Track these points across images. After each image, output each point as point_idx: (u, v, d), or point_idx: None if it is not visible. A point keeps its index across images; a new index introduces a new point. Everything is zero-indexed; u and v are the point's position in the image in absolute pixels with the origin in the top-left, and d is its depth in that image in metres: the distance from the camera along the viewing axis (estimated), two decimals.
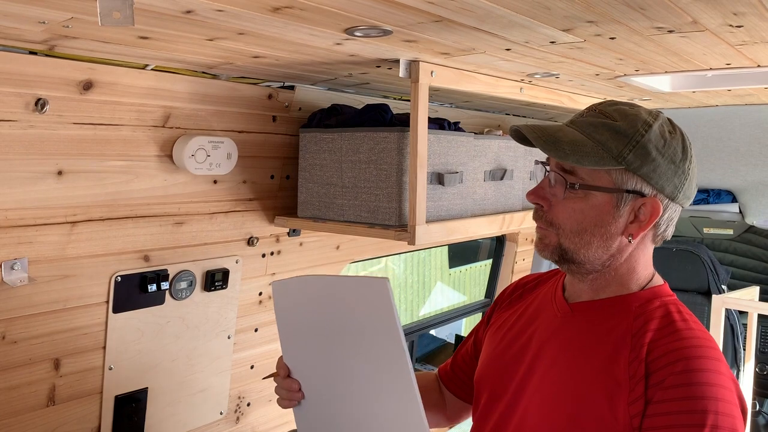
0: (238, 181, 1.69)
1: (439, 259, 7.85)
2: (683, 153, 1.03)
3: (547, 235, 1.07)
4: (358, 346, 1.09)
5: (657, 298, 1.05)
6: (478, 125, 2.50)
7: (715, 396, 0.92)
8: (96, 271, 1.45)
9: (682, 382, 0.93)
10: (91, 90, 1.33)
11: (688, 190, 1.04)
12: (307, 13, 0.96)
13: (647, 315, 1.03)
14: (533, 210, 1.09)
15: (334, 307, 1.12)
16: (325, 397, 1.17)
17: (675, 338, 0.98)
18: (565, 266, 1.08)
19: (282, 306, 1.20)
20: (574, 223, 1.03)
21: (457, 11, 0.98)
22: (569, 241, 1.04)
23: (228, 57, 1.33)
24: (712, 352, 0.97)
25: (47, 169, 1.31)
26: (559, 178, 1.04)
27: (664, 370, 0.95)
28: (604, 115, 1.04)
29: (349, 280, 1.12)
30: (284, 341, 1.21)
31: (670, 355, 0.96)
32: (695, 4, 0.94)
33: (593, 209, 1.02)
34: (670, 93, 2.08)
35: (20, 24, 1.01)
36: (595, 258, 1.04)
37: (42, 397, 1.42)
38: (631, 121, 1.02)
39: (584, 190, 1.01)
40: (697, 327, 1.02)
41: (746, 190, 3.21)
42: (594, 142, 1.00)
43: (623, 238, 1.03)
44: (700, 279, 3.37)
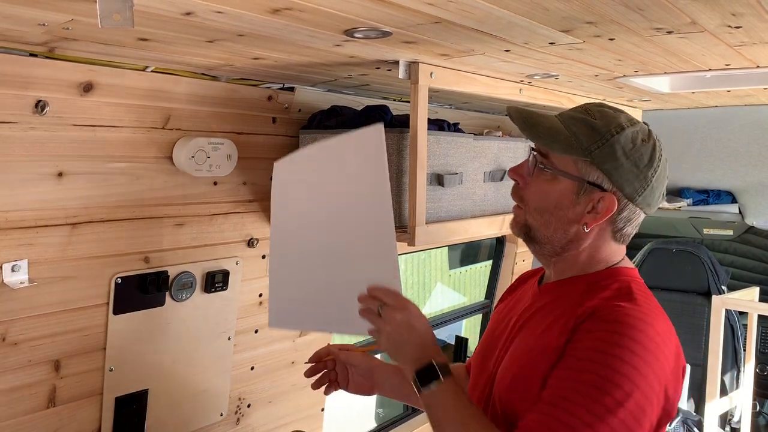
0: (238, 182, 1.70)
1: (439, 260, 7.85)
2: (649, 161, 1.09)
3: (518, 213, 1.17)
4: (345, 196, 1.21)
5: (612, 277, 1.11)
6: (477, 126, 2.50)
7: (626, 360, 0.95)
8: (96, 273, 1.45)
9: (605, 337, 0.98)
10: (92, 92, 1.33)
11: (649, 197, 1.11)
12: (307, 14, 0.96)
13: (597, 289, 1.09)
14: (513, 187, 1.18)
15: (328, 167, 1.23)
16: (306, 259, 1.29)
17: (612, 301, 1.04)
18: (531, 246, 1.17)
19: (279, 181, 1.29)
20: (538, 201, 1.12)
21: (457, 13, 0.98)
22: (532, 218, 1.13)
23: (228, 59, 1.33)
24: (648, 321, 1.00)
25: (47, 170, 1.32)
26: (535, 158, 1.13)
27: (593, 319, 1.01)
28: (586, 113, 1.12)
29: (346, 135, 1.23)
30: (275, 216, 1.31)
31: (602, 311, 1.02)
32: (694, 4, 0.95)
33: (556, 192, 1.10)
34: (670, 94, 2.08)
35: (21, 26, 1.01)
36: (554, 239, 1.13)
37: (42, 399, 1.42)
38: (608, 121, 1.10)
39: (552, 173, 1.10)
40: (643, 300, 1.05)
41: (746, 190, 3.21)
42: (569, 132, 1.09)
43: (579, 227, 1.10)
44: (700, 280, 3.37)
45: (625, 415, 0.93)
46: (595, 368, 0.95)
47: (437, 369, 1.09)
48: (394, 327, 1.14)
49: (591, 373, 0.95)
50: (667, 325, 1.04)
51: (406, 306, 1.15)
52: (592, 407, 0.93)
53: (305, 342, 2.04)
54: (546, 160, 1.11)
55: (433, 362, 1.10)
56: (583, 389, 0.95)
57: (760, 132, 2.85)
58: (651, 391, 0.96)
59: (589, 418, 0.93)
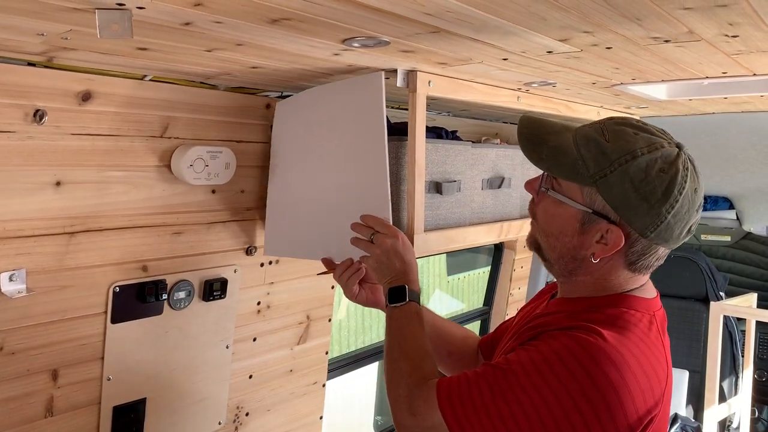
0: (237, 190, 1.69)
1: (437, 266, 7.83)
2: (664, 195, 0.99)
3: (532, 228, 1.15)
4: (342, 134, 1.30)
5: (616, 304, 1.04)
6: (475, 134, 2.50)
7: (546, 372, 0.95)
8: (94, 282, 1.45)
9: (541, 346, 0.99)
10: (90, 101, 1.33)
11: (665, 233, 1.01)
12: (305, 24, 0.97)
13: (593, 310, 1.03)
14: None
15: (328, 109, 1.32)
16: (303, 191, 1.40)
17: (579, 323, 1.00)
18: (543, 263, 1.15)
19: (281, 120, 1.39)
20: (545, 222, 1.09)
21: (454, 22, 0.98)
22: (541, 237, 1.11)
23: (226, 67, 1.33)
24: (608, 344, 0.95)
25: (45, 179, 1.31)
26: (545, 178, 1.09)
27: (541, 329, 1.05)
28: (601, 133, 1.03)
29: (348, 80, 1.32)
30: (274, 153, 1.41)
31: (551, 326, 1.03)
32: (691, 14, 0.95)
33: (560, 217, 1.06)
34: (667, 101, 2.09)
35: (19, 36, 1.01)
36: (561, 262, 1.09)
37: (40, 409, 1.42)
38: (621, 147, 1.00)
39: (558, 196, 1.05)
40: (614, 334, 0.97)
41: (743, 197, 3.22)
42: (577, 155, 1.02)
43: (588, 256, 1.04)
44: (698, 286, 3.37)
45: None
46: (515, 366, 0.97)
47: (407, 292, 1.19)
48: (383, 250, 1.24)
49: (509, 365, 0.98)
50: (639, 369, 0.95)
51: (396, 234, 1.25)
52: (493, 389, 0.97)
53: (304, 350, 2.04)
54: (554, 182, 1.06)
55: (405, 286, 1.20)
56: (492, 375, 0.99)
57: (758, 139, 2.86)
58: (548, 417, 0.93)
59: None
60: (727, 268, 3.75)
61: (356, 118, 1.27)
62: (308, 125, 1.34)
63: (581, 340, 0.96)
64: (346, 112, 1.29)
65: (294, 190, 1.37)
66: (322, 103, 1.33)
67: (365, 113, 1.25)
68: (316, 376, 2.11)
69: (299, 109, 1.36)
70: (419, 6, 0.89)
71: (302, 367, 2.05)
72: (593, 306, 1.05)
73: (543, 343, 0.99)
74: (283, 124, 1.38)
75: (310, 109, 1.35)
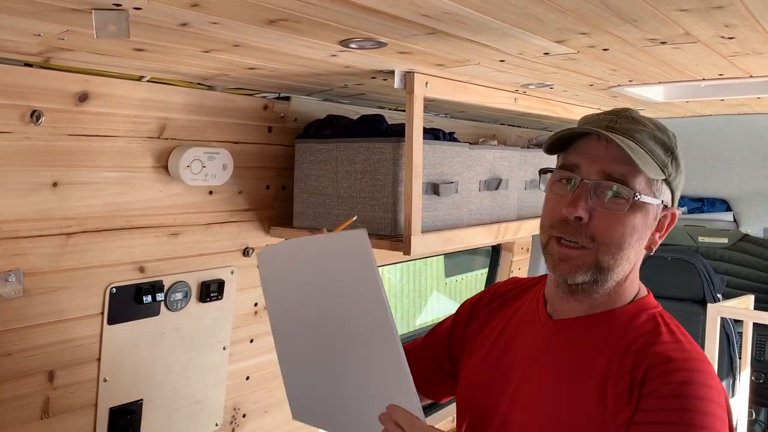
0: (234, 191, 1.69)
1: (435, 268, 7.84)
2: (683, 169, 1.03)
3: (581, 255, 0.97)
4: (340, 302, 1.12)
5: (643, 312, 1.02)
6: (473, 135, 2.50)
7: (706, 411, 0.89)
8: (91, 283, 1.45)
9: (675, 393, 0.90)
10: (87, 102, 1.33)
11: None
12: (302, 25, 0.97)
13: (634, 330, 0.99)
14: (565, 225, 0.98)
15: (317, 267, 1.15)
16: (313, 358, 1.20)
17: (664, 350, 0.95)
18: (588, 287, 0.99)
19: (267, 273, 1.23)
20: (620, 236, 0.95)
21: (451, 23, 0.98)
22: (610, 256, 0.96)
23: (223, 68, 1.33)
24: (703, 365, 0.94)
25: (42, 180, 1.31)
26: (610, 187, 0.95)
27: (656, 380, 0.92)
28: (639, 123, 0.99)
29: (329, 236, 1.17)
30: (271, 309, 1.24)
31: (660, 367, 0.93)
32: (687, 16, 0.95)
33: (640, 221, 0.96)
34: (664, 103, 2.09)
35: (16, 36, 1.01)
36: (623, 272, 0.99)
37: (36, 410, 1.41)
38: (663, 130, 0.99)
39: (635, 201, 0.95)
40: (685, 339, 0.99)
41: (740, 198, 3.23)
42: (646, 150, 0.95)
43: (644, 250, 1.02)
44: (695, 288, 3.38)
45: None
46: None
47: None
48: None
49: None
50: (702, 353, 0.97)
51: None
52: None
53: None
54: (628, 187, 0.95)
55: None
56: None
57: (755, 141, 2.87)
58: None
59: None
60: (724, 270, 3.75)
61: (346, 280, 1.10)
62: (297, 282, 1.18)
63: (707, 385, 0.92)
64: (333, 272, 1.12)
65: (300, 349, 1.21)
66: (305, 257, 1.17)
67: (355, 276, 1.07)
68: None
69: (283, 261, 1.20)
70: (416, 7, 0.89)
71: None
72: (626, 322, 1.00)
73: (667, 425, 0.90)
74: (271, 276, 1.22)
75: (295, 263, 1.19)
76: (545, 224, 1.02)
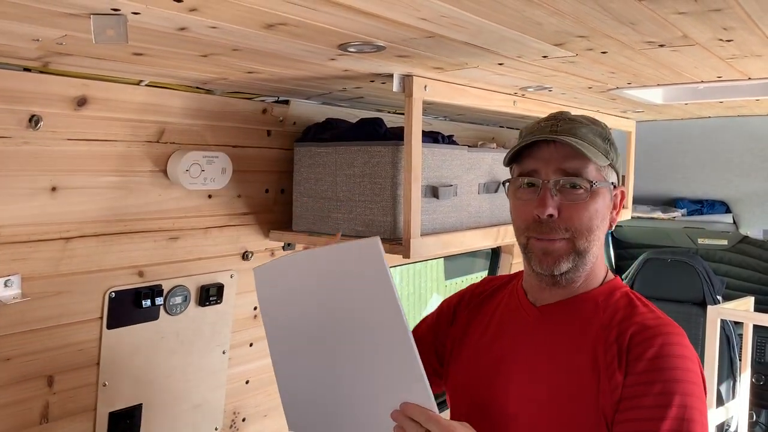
0: (233, 195, 1.69)
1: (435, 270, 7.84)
2: (617, 148, 1.16)
3: (559, 247, 1.08)
4: (349, 309, 1.08)
5: (616, 290, 1.14)
6: (472, 138, 2.50)
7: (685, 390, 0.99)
8: (90, 287, 1.44)
9: (657, 354, 1.01)
10: (86, 106, 1.33)
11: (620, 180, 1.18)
12: (301, 30, 0.97)
13: (612, 306, 1.11)
14: (539, 224, 1.07)
15: (322, 281, 1.11)
16: (315, 368, 1.15)
17: (642, 319, 1.07)
18: (571, 274, 1.10)
19: (265, 293, 1.17)
20: (588, 221, 1.08)
21: (449, 27, 0.98)
22: (585, 240, 1.08)
23: (222, 72, 1.33)
24: (677, 329, 1.06)
25: (41, 185, 1.31)
26: (570, 181, 1.07)
27: (640, 345, 1.02)
28: (575, 121, 1.11)
29: (337, 248, 1.11)
30: (269, 323, 1.18)
31: (642, 333, 1.04)
32: (685, 19, 0.95)
33: (601, 205, 1.10)
34: (663, 105, 2.10)
35: (14, 41, 1.01)
36: (596, 252, 1.12)
37: (35, 415, 1.41)
38: (596, 122, 1.13)
39: (593, 189, 1.08)
40: (657, 310, 1.12)
41: (740, 200, 3.23)
42: (588, 143, 1.08)
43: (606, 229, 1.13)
44: (695, 290, 3.38)
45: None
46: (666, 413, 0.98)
47: None
48: None
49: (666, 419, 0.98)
50: None
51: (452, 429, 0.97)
52: None
53: None
54: (584, 179, 1.07)
55: None
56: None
57: (754, 142, 2.87)
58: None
59: None
60: (724, 271, 3.75)
61: (358, 290, 1.07)
62: (300, 295, 1.14)
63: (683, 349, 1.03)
64: (343, 282, 1.09)
65: (300, 363, 1.17)
66: (310, 269, 1.13)
67: (368, 285, 1.05)
68: None
69: (284, 275, 1.15)
70: (414, 11, 0.89)
71: None
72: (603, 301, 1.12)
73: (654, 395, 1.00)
74: (268, 292, 1.17)
75: (298, 276, 1.14)
76: (520, 227, 1.12)
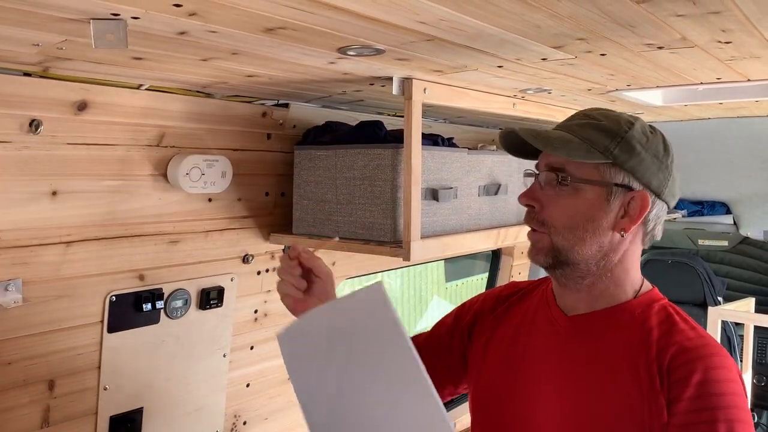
0: (233, 198, 1.70)
1: (435, 273, 7.84)
2: (665, 150, 1.08)
3: (539, 238, 1.08)
4: (367, 362, 1.08)
5: (654, 303, 1.08)
6: (471, 140, 2.51)
7: (732, 405, 0.95)
8: (90, 291, 1.45)
9: (705, 392, 0.96)
10: (86, 110, 1.33)
11: (673, 187, 1.08)
12: (300, 33, 0.97)
13: (649, 320, 1.04)
14: (525, 213, 1.11)
15: (338, 331, 1.11)
16: (340, 413, 1.14)
17: (683, 337, 1.01)
18: (559, 272, 1.08)
19: (289, 352, 1.18)
20: (566, 218, 1.04)
21: (449, 31, 0.99)
22: (562, 238, 1.05)
23: (222, 76, 1.33)
24: (720, 350, 1.01)
25: (41, 189, 1.31)
26: (551, 176, 1.06)
27: (682, 368, 0.97)
28: (588, 117, 1.09)
29: (344, 298, 1.13)
30: (297, 384, 1.18)
31: (684, 355, 0.98)
32: (684, 21, 0.96)
33: (584, 204, 1.04)
34: (662, 107, 2.10)
35: (14, 46, 1.02)
36: (589, 256, 1.05)
37: (36, 419, 1.41)
38: (614, 120, 1.07)
39: (574, 185, 1.04)
40: (697, 326, 1.06)
41: (740, 201, 3.23)
42: (581, 139, 1.04)
43: (615, 234, 1.05)
44: (696, 291, 3.38)
45: None
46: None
47: None
48: None
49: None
50: None
51: None
52: None
53: None
54: (564, 173, 1.04)
55: None
56: None
57: (754, 143, 2.87)
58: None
59: None
60: (724, 272, 3.75)
61: (371, 339, 1.07)
62: (322, 355, 1.15)
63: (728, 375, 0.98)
64: (356, 334, 1.09)
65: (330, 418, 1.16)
66: (325, 326, 1.14)
67: (378, 333, 1.05)
68: None
69: (304, 337, 1.17)
70: (414, 15, 0.89)
71: None
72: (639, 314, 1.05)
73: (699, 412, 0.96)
74: (293, 356, 1.18)
75: (316, 336, 1.15)
76: None
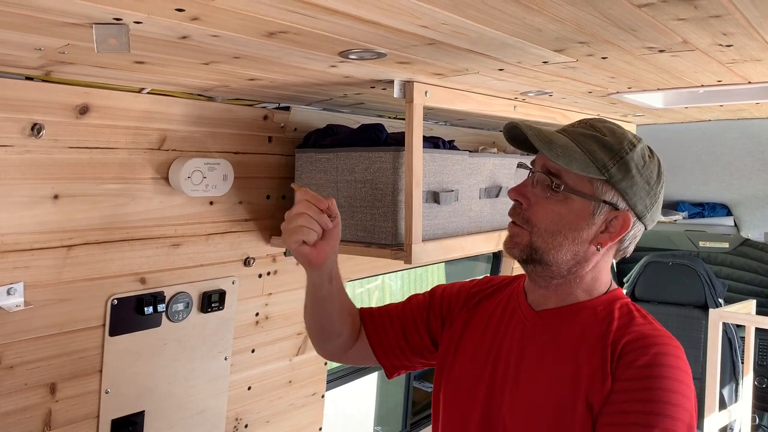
0: (234, 202, 1.70)
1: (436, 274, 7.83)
2: (657, 177, 1.09)
3: (519, 233, 1.11)
4: None
5: (617, 300, 1.12)
6: (472, 143, 2.51)
7: (675, 401, 0.97)
8: (92, 295, 1.45)
9: (647, 374, 0.99)
10: (87, 114, 1.33)
11: (655, 213, 1.11)
12: (302, 37, 0.97)
13: (612, 314, 1.10)
14: (512, 206, 1.13)
15: None
16: None
17: (638, 328, 1.06)
18: (530, 267, 1.12)
19: None
20: (550, 223, 1.07)
21: (450, 34, 0.99)
22: (542, 240, 1.08)
23: (223, 80, 1.33)
24: (674, 341, 1.05)
25: (43, 193, 1.32)
26: (544, 179, 1.08)
27: (633, 353, 1.02)
28: (594, 129, 1.10)
29: None
30: None
31: (636, 342, 1.03)
32: (685, 25, 0.96)
33: (571, 213, 1.07)
34: (663, 109, 2.10)
35: (17, 51, 1.02)
36: (563, 261, 1.09)
37: (38, 423, 1.41)
38: (618, 138, 1.08)
39: (565, 194, 1.06)
40: (655, 322, 1.10)
41: (741, 203, 3.23)
42: (583, 150, 1.06)
43: (592, 247, 1.08)
44: (697, 293, 3.37)
45: None
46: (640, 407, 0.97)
47: None
48: None
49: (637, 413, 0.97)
50: None
51: None
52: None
53: (302, 361, 2.03)
54: (558, 180, 1.06)
55: None
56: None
57: (754, 145, 2.87)
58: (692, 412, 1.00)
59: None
60: (725, 274, 3.75)
61: None
62: None
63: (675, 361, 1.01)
64: None
65: None
66: None
67: None
68: (315, 387, 2.11)
69: None
70: (415, 19, 0.89)
71: (301, 378, 2.05)
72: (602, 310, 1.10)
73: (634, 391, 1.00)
74: None
75: None
76: None
